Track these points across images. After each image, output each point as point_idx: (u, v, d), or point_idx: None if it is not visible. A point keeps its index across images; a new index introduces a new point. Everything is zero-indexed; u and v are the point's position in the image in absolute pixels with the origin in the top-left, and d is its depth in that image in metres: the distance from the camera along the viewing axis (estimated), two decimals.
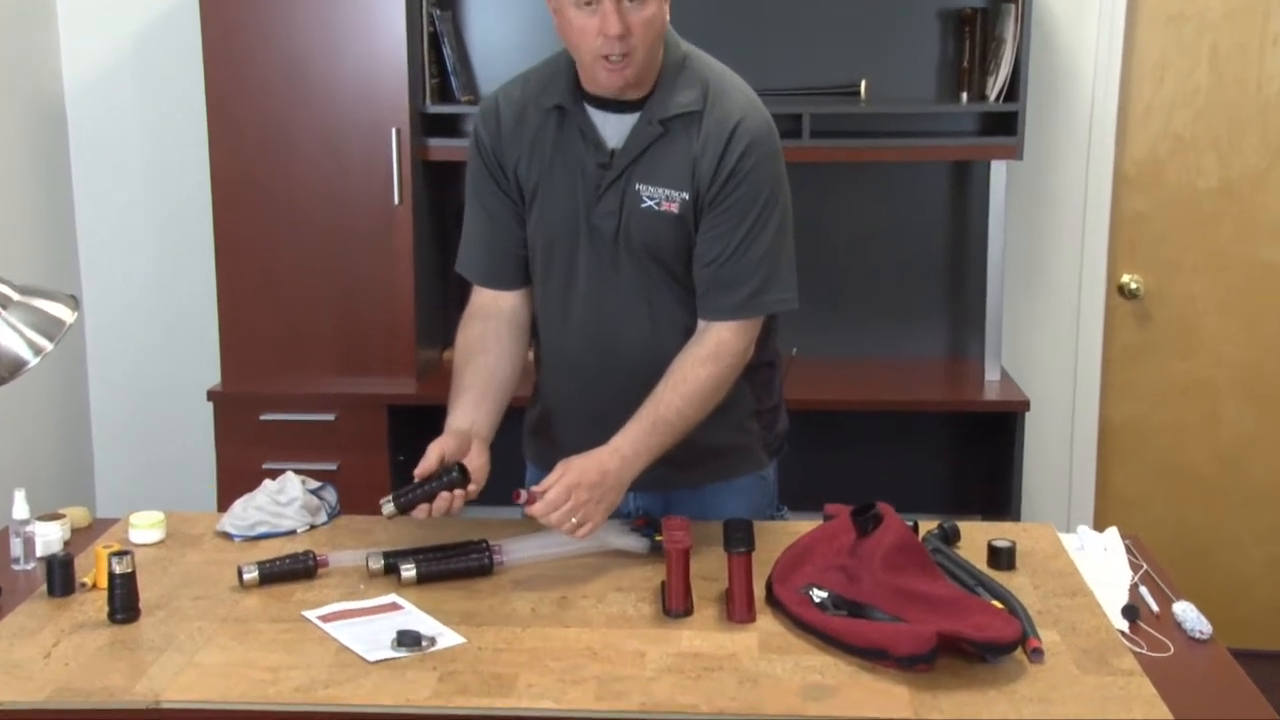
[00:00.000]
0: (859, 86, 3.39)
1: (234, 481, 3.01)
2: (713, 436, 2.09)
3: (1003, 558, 2.01)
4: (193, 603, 1.90)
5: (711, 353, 2.02)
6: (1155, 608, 1.92)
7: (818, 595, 1.80)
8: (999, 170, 3.30)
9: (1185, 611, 1.87)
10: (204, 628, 1.81)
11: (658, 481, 2.07)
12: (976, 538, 2.09)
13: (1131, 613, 1.87)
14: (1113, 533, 2.16)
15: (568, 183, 2.05)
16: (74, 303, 1.84)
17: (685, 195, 2.01)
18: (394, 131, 3.20)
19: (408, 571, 1.94)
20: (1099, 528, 2.28)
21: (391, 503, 1.95)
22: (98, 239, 3.72)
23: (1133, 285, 3.63)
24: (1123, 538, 2.16)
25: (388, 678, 1.67)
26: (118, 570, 1.82)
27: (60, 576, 1.92)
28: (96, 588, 1.92)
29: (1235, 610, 3.56)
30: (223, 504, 3.07)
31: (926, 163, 3.51)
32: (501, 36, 3.51)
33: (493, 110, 2.11)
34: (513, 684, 1.66)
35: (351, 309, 3.30)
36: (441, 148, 3.32)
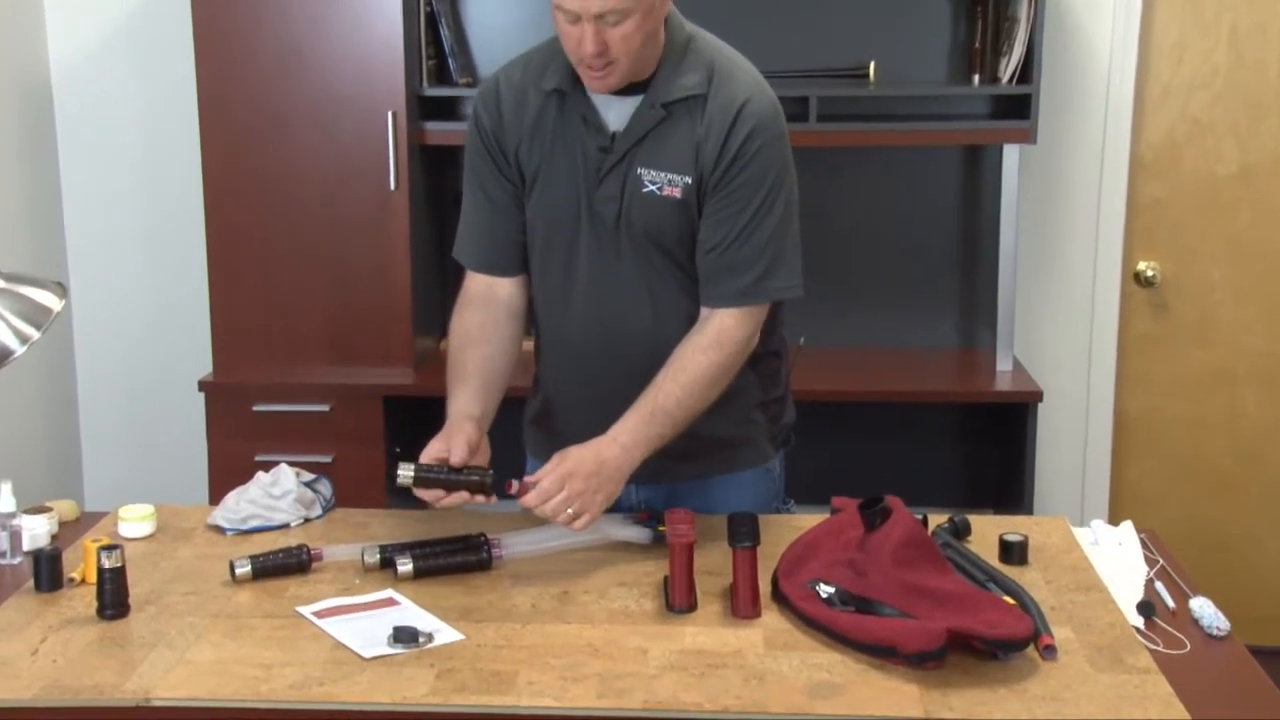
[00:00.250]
0: (868, 68, 3.35)
1: (226, 474, 2.97)
2: (717, 428, 2.07)
3: (1015, 552, 1.99)
4: (184, 598, 1.88)
5: (714, 340, 2.00)
6: (1171, 604, 1.90)
7: (825, 590, 1.79)
8: (1011, 155, 3.28)
9: (1202, 608, 1.85)
10: (195, 623, 1.80)
11: (661, 474, 2.05)
12: (988, 532, 2.08)
13: (1147, 609, 1.85)
14: (1128, 527, 2.14)
15: (568, 166, 2.03)
16: (61, 290, 1.84)
17: (688, 179, 1.98)
18: (390, 115, 3.16)
19: (404, 566, 1.92)
20: (1114, 522, 2.27)
21: (412, 473, 1.91)
22: (85, 225, 3.68)
23: (1149, 273, 3.59)
24: (1138, 532, 2.14)
25: (384, 675, 1.66)
26: (107, 565, 1.81)
27: (48, 571, 1.90)
28: (85, 583, 1.90)
29: (1254, 607, 3.51)
30: (214, 497, 3.03)
31: (937, 147, 3.48)
32: (500, 17, 3.47)
33: (493, 92, 2.08)
34: (512, 681, 1.64)
35: (347, 297, 3.26)
36: (439, 131, 3.29)
